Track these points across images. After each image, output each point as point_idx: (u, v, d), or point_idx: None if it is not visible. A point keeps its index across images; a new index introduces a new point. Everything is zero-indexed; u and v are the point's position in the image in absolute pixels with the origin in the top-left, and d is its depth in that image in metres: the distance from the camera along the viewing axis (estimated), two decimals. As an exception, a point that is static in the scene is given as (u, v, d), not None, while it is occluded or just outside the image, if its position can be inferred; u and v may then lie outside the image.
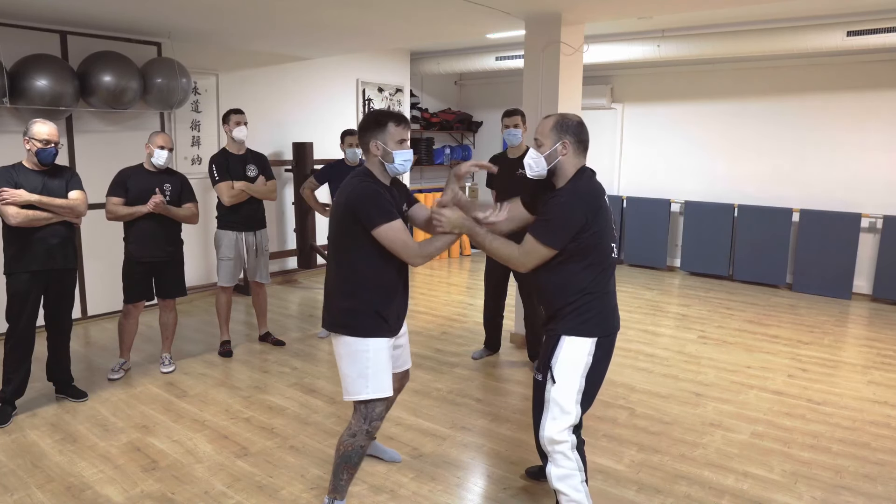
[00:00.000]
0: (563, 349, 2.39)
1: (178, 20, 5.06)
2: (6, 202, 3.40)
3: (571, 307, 2.39)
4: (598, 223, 2.35)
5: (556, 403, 2.39)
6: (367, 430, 2.54)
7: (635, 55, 6.75)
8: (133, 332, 4.36)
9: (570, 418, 2.39)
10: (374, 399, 2.52)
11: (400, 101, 8.31)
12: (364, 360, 2.49)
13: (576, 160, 2.44)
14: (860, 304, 6.48)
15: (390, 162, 2.51)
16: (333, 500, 2.65)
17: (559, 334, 2.40)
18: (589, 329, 2.39)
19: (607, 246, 2.41)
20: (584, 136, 2.45)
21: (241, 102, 6.31)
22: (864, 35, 5.57)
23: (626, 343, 5.12)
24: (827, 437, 3.52)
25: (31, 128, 3.53)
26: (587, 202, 2.35)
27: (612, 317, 2.47)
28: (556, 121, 2.45)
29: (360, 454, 2.57)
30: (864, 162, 6.65)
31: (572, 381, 2.39)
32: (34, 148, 3.52)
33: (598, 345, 2.40)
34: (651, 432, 3.56)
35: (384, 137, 2.49)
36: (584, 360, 2.39)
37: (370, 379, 2.49)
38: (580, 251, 2.35)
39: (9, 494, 2.89)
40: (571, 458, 2.41)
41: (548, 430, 2.41)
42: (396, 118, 2.52)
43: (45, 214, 3.53)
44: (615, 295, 2.52)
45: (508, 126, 4.34)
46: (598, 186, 2.44)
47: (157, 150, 4.13)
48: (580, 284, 2.37)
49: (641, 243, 8.01)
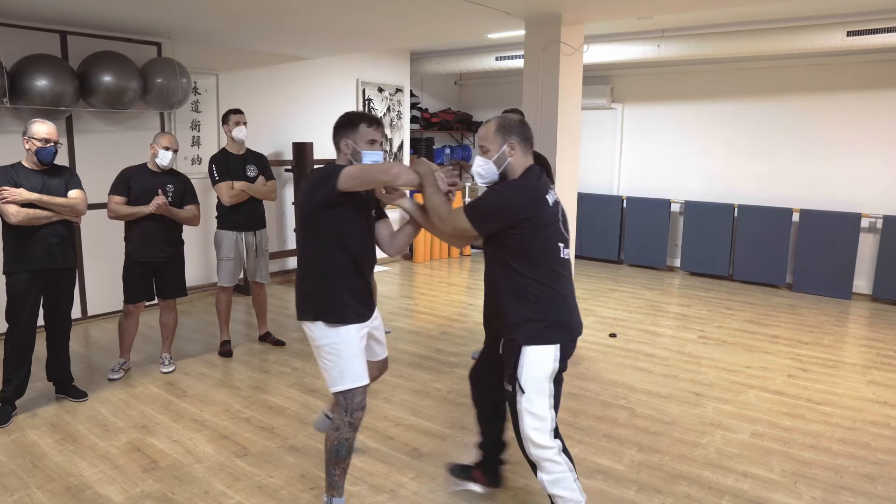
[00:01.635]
0: (527, 359, 2.35)
1: (178, 20, 5.06)
2: (6, 200, 3.40)
3: (528, 315, 2.35)
4: (540, 221, 2.32)
5: (531, 413, 2.37)
6: (350, 421, 2.53)
7: (635, 55, 6.75)
8: (133, 333, 4.36)
9: (547, 424, 2.38)
10: (351, 389, 2.52)
11: (400, 101, 8.31)
12: (337, 350, 2.51)
13: (524, 159, 2.43)
14: (860, 304, 6.48)
15: (358, 161, 2.53)
16: (332, 497, 2.64)
17: (521, 344, 2.36)
18: (551, 336, 2.36)
19: (555, 246, 2.37)
20: (528, 134, 2.45)
21: (241, 102, 6.31)
22: (864, 35, 5.57)
23: (626, 343, 5.12)
24: (827, 437, 3.52)
25: (30, 127, 3.53)
26: (527, 197, 2.34)
27: (572, 320, 2.44)
28: (498, 123, 2.43)
29: (347, 447, 2.56)
30: (864, 162, 6.65)
31: (542, 389, 2.36)
32: (33, 147, 3.52)
33: (562, 350, 2.38)
34: (651, 432, 3.56)
35: (355, 137, 2.54)
36: (550, 366, 2.36)
37: (346, 369, 2.51)
38: (525, 252, 2.33)
39: (9, 494, 2.89)
40: (560, 461, 2.39)
41: (534, 439, 2.38)
42: (369, 119, 2.56)
43: (44, 213, 3.53)
44: (573, 297, 2.49)
45: None
46: (544, 185, 2.41)
47: (161, 151, 4.13)
48: (533, 290, 2.34)
49: (641, 243, 8.01)
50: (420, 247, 8.24)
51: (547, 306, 2.36)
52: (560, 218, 2.42)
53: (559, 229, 2.40)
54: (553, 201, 2.40)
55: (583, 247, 8.32)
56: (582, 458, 3.25)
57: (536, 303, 2.35)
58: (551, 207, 2.38)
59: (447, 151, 9.20)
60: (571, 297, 2.47)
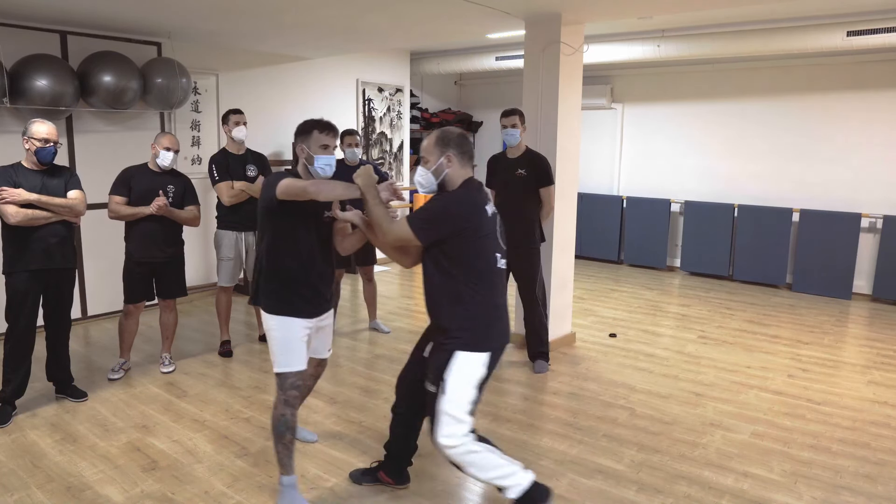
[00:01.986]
0: (456, 363, 2.44)
1: (178, 20, 5.06)
2: (5, 201, 3.40)
3: (462, 321, 2.46)
4: (478, 230, 2.44)
5: (448, 415, 2.44)
6: (284, 399, 2.72)
7: (635, 55, 6.75)
8: (133, 333, 4.36)
9: (464, 427, 2.46)
10: (286, 371, 2.71)
11: (400, 101, 8.32)
12: (275, 337, 2.72)
13: (462, 171, 2.53)
14: (860, 304, 6.48)
15: (311, 164, 2.70)
16: (281, 475, 2.79)
17: (453, 349, 2.45)
18: (483, 344, 2.46)
19: (492, 256, 2.49)
20: (466, 148, 2.54)
21: (241, 102, 6.31)
22: (864, 35, 5.57)
23: (626, 343, 5.12)
24: (827, 437, 3.52)
25: (29, 127, 3.53)
26: (466, 207, 2.46)
27: (503, 328, 2.55)
28: (437, 136, 2.54)
29: (284, 423, 2.71)
30: (864, 162, 6.65)
31: (465, 394, 2.45)
32: (33, 147, 3.52)
33: (491, 358, 2.47)
34: (651, 432, 3.56)
35: (308, 142, 2.69)
36: (478, 373, 2.45)
37: (280, 354, 2.72)
38: (462, 260, 2.45)
39: (9, 494, 2.90)
40: (477, 449, 2.48)
41: (443, 440, 2.46)
42: (322, 126, 2.71)
43: (44, 213, 3.52)
44: (505, 306, 2.60)
45: (506, 126, 4.34)
46: (482, 197, 2.52)
47: (162, 152, 4.12)
48: (469, 297, 2.45)
49: (641, 243, 8.01)
50: (420, 247, 8.23)
51: (481, 314, 2.47)
52: (497, 229, 2.55)
53: (496, 240, 2.52)
54: (491, 212, 2.53)
55: (583, 247, 8.32)
56: (582, 458, 3.25)
57: (471, 310, 2.46)
58: (489, 218, 2.50)
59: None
60: (504, 306, 2.59)
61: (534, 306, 4.44)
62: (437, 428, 2.47)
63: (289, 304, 2.71)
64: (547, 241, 4.64)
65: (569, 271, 5.03)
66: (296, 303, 2.72)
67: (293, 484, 2.79)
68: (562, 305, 4.96)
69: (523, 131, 4.38)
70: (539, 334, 4.50)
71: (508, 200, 4.42)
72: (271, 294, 2.72)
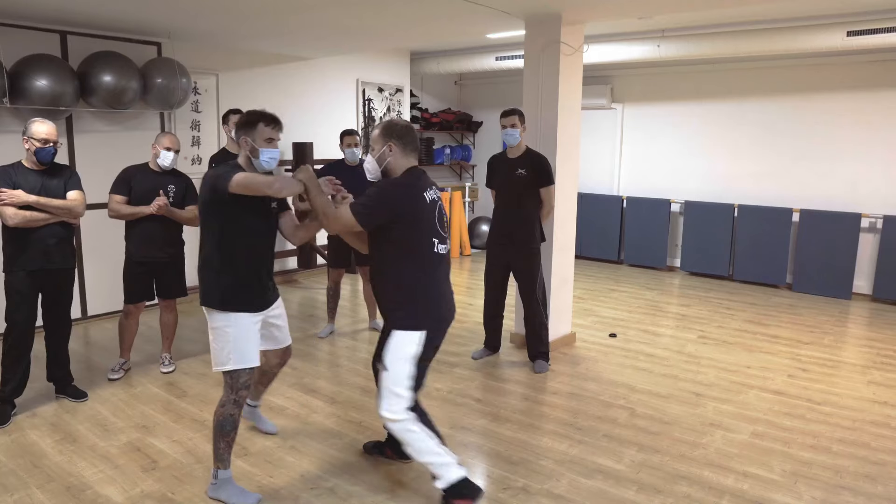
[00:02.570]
0: (394, 341, 2.62)
1: (178, 20, 5.06)
2: (4, 203, 3.41)
3: (399, 303, 2.63)
4: (416, 216, 2.57)
5: (390, 390, 2.63)
6: (235, 399, 2.76)
7: (635, 55, 6.75)
8: (133, 332, 4.36)
9: (403, 401, 2.63)
10: (237, 369, 2.73)
11: (400, 101, 8.32)
12: (227, 334, 2.72)
13: (404, 161, 2.68)
14: (860, 304, 6.48)
15: (256, 157, 2.73)
16: (217, 469, 2.84)
17: (391, 329, 2.64)
18: (415, 323, 2.62)
19: (429, 241, 2.62)
20: (408, 139, 2.68)
21: (241, 102, 6.30)
22: (864, 35, 5.57)
23: (626, 343, 5.12)
24: (827, 437, 3.52)
25: (29, 127, 3.53)
26: (402, 193, 2.59)
27: (440, 309, 2.70)
28: (383, 127, 2.69)
29: (231, 422, 2.78)
30: (864, 162, 6.65)
31: (403, 370, 2.62)
32: (33, 147, 3.52)
33: (427, 337, 2.63)
34: (651, 432, 3.56)
35: (253, 135, 2.72)
36: (413, 350, 2.62)
37: (233, 352, 2.72)
38: (401, 245, 2.59)
39: (9, 494, 2.90)
40: (415, 430, 2.64)
41: (385, 413, 2.65)
42: (267, 119, 2.74)
43: (42, 215, 3.52)
44: (445, 289, 2.73)
45: (506, 126, 4.34)
46: (421, 184, 2.64)
47: (163, 152, 4.12)
48: (406, 279, 2.61)
49: (641, 243, 8.01)
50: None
51: (417, 295, 2.63)
52: (437, 215, 2.67)
53: (434, 225, 2.65)
54: (431, 199, 2.65)
55: (583, 247, 8.32)
56: (582, 458, 3.25)
57: (408, 292, 2.62)
58: (427, 205, 2.62)
59: (447, 151, 9.20)
60: (443, 288, 2.72)
61: (534, 306, 4.44)
62: (380, 402, 2.66)
63: (240, 299, 2.74)
64: (547, 241, 4.64)
65: (569, 271, 5.03)
66: (247, 297, 2.77)
67: (230, 477, 2.86)
68: (562, 305, 4.96)
69: (523, 131, 4.38)
70: (539, 334, 4.50)
71: (508, 200, 4.42)
72: (222, 290, 2.72)
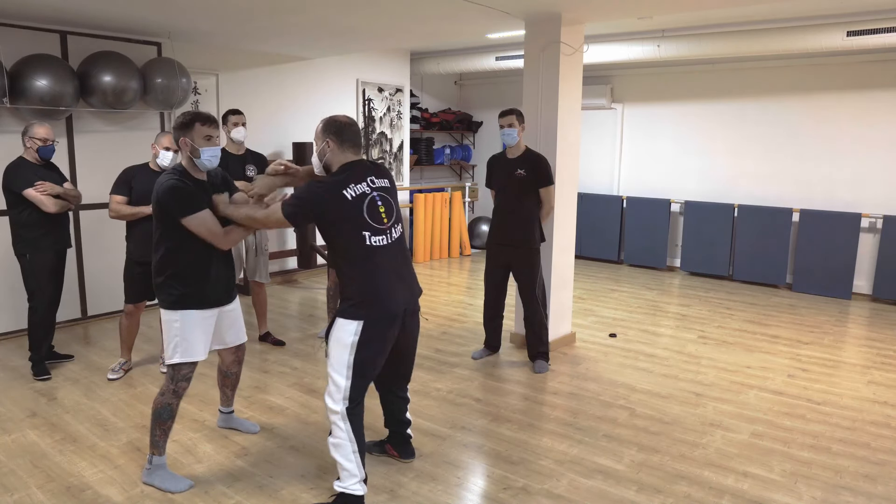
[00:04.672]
0: (334, 328, 2.69)
1: (178, 20, 5.06)
2: (45, 193, 4.02)
3: (344, 292, 2.70)
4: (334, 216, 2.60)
5: (330, 376, 2.69)
6: (174, 389, 2.90)
7: (635, 55, 6.75)
8: (134, 332, 4.36)
9: (341, 391, 2.66)
10: (180, 363, 2.88)
11: (400, 101, 8.31)
12: (174, 329, 2.86)
13: (341, 156, 2.72)
14: (860, 304, 6.48)
15: (197, 157, 2.84)
16: (152, 455, 2.96)
17: (335, 317, 2.71)
18: (353, 313, 2.65)
19: (356, 236, 2.63)
20: (346, 135, 2.72)
21: (241, 102, 6.31)
22: (864, 35, 5.57)
23: (626, 343, 5.12)
24: (827, 437, 3.52)
25: (29, 129, 4.09)
26: (319, 193, 2.62)
27: (383, 300, 2.68)
28: (324, 123, 2.74)
29: (169, 411, 2.91)
30: (864, 162, 6.65)
31: (340, 358, 2.66)
32: (35, 146, 4.06)
33: (366, 326, 2.64)
34: (651, 432, 3.56)
35: (191, 135, 2.81)
36: (349, 338, 2.64)
37: (179, 346, 2.86)
38: (332, 241, 2.67)
39: (9, 494, 2.90)
40: (342, 427, 2.66)
41: (326, 399, 2.70)
42: (203, 118, 2.84)
43: (67, 202, 4.16)
44: (391, 279, 2.71)
45: (503, 126, 4.34)
46: (345, 180, 2.65)
47: (162, 151, 4.13)
48: (345, 271, 2.68)
49: (641, 243, 8.01)
50: (420, 247, 8.24)
51: (354, 288, 2.67)
52: (366, 208, 2.65)
53: (363, 219, 2.64)
54: (359, 193, 2.65)
55: (583, 247, 8.32)
56: (582, 458, 3.25)
57: (347, 284, 2.68)
58: (351, 200, 2.63)
59: (447, 151, 9.20)
60: (382, 279, 2.69)
61: (534, 306, 4.44)
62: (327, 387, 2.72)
63: (193, 296, 2.87)
64: (547, 241, 4.64)
65: (569, 271, 5.03)
66: (200, 295, 2.89)
67: (164, 464, 2.98)
68: (562, 305, 4.96)
69: (521, 131, 4.38)
70: (539, 334, 4.50)
71: (508, 201, 4.42)
72: (175, 288, 2.85)
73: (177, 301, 2.85)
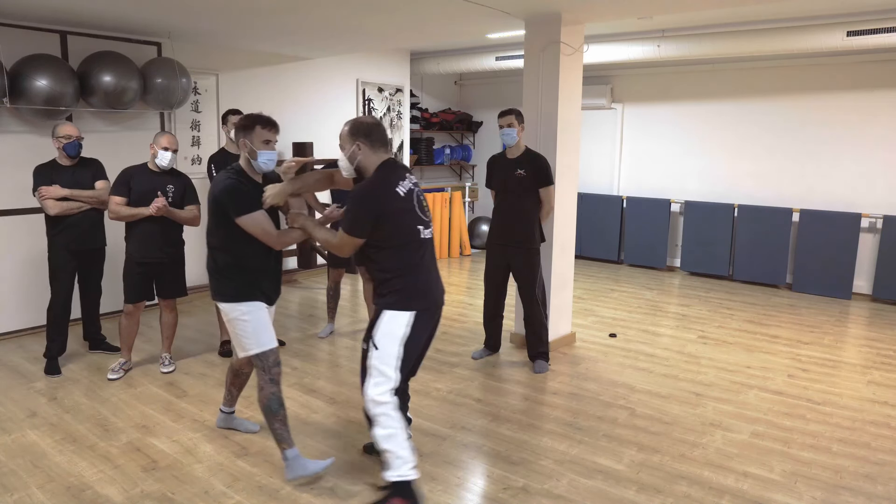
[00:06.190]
0: (383, 321, 2.69)
1: (178, 20, 5.06)
2: (45, 198, 4.11)
3: (389, 285, 2.69)
4: (392, 214, 2.64)
5: (377, 369, 2.69)
6: (270, 378, 2.93)
7: (635, 55, 6.75)
8: (134, 333, 4.36)
9: (390, 382, 2.69)
10: (264, 350, 2.92)
11: (400, 101, 8.31)
12: (245, 322, 2.90)
13: (374, 157, 2.73)
14: (860, 304, 6.48)
15: (254, 159, 2.90)
16: (284, 449, 2.96)
17: (381, 308, 2.71)
18: (406, 304, 2.68)
19: (409, 228, 2.69)
20: (376, 136, 2.73)
21: (241, 102, 6.31)
22: (864, 35, 5.57)
23: (626, 343, 5.13)
24: (827, 437, 3.52)
25: (55, 129, 4.22)
26: (374, 196, 2.65)
27: (429, 292, 2.76)
28: (349, 126, 2.74)
29: (276, 401, 2.93)
30: (863, 162, 6.65)
31: (391, 350, 2.68)
32: (60, 144, 4.17)
33: (417, 317, 2.69)
34: (651, 432, 3.56)
35: (251, 137, 2.87)
36: (402, 331, 2.68)
37: (252, 336, 2.91)
38: (385, 237, 2.66)
39: (9, 494, 2.90)
40: (394, 416, 2.69)
41: (370, 393, 2.70)
42: (264, 121, 2.89)
43: (76, 204, 4.21)
44: (432, 271, 2.80)
45: (503, 126, 4.34)
46: (393, 177, 2.68)
47: (161, 152, 4.13)
48: (393, 265, 2.68)
49: (641, 243, 8.01)
50: (420, 247, 8.23)
51: (404, 280, 2.69)
52: (415, 204, 2.72)
53: (416, 214, 2.71)
54: (407, 189, 2.70)
55: (583, 247, 8.32)
56: (582, 458, 3.25)
57: (393, 277, 2.69)
58: (403, 197, 2.67)
59: (447, 151, 9.20)
60: (431, 271, 2.78)
61: (534, 306, 4.44)
62: (367, 380, 2.73)
63: (255, 290, 2.93)
64: (547, 241, 4.64)
65: (569, 271, 5.03)
66: (259, 290, 2.95)
67: (298, 454, 2.96)
68: (562, 305, 4.96)
69: (521, 131, 4.38)
70: (539, 334, 4.50)
71: (508, 201, 4.42)
72: (235, 283, 2.90)
73: (238, 293, 2.91)
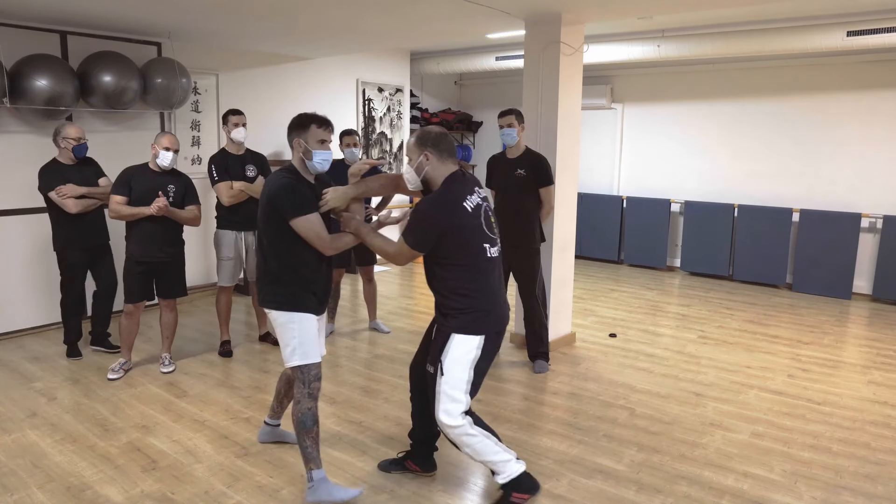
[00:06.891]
0: (453, 345, 2.61)
1: (178, 20, 5.06)
2: (66, 196, 4.21)
3: (458, 307, 2.60)
4: (459, 230, 2.55)
5: (447, 395, 2.62)
6: (308, 392, 2.78)
7: (635, 55, 6.75)
8: (134, 332, 4.36)
9: (461, 406, 2.63)
10: (307, 364, 2.77)
11: (400, 101, 8.32)
12: (292, 331, 2.76)
13: (442, 168, 2.65)
14: (860, 304, 6.48)
15: (309, 160, 2.75)
16: (311, 469, 2.78)
17: (450, 331, 2.62)
18: (477, 327, 2.61)
19: (477, 247, 2.59)
20: (444, 146, 2.65)
21: (241, 102, 6.31)
22: (864, 35, 5.57)
23: (626, 343, 5.12)
24: (827, 437, 3.52)
25: (62, 130, 4.30)
26: (442, 210, 2.56)
27: (498, 314, 2.68)
28: (417, 136, 2.68)
29: (311, 417, 2.78)
30: (863, 162, 6.65)
31: (461, 374, 2.61)
32: (69, 146, 4.27)
33: (486, 341, 2.62)
34: (651, 432, 3.56)
35: (306, 136, 2.74)
36: (472, 354, 2.61)
37: (298, 347, 2.76)
38: (450, 253, 2.57)
39: (9, 494, 2.90)
40: (474, 433, 2.64)
41: (444, 420, 2.63)
42: (319, 120, 2.76)
43: (93, 201, 4.35)
44: (500, 292, 2.71)
45: (503, 126, 4.34)
46: (464, 191, 2.60)
47: (162, 152, 4.13)
48: (461, 284, 2.59)
49: (641, 243, 8.01)
50: (420, 247, 8.24)
51: (473, 302, 2.61)
52: (482, 220, 2.62)
53: (482, 231, 2.62)
54: (475, 205, 2.61)
55: (583, 247, 8.32)
56: (582, 458, 3.25)
57: (466, 298, 2.60)
58: (472, 212, 2.59)
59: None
60: (497, 292, 2.69)
61: (534, 306, 4.44)
62: (437, 406, 2.65)
63: (304, 300, 2.78)
64: (547, 241, 4.64)
65: (569, 271, 5.03)
66: (309, 299, 2.80)
67: (325, 476, 2.79)
68: (562, 305, 4.96)
69: (521, 131, 4.38)
70: (539, 334, 4.50)
71: (508, 201, 4.42)
72: (286, 291, 2.76)
73: (288, 301, 2.77)
